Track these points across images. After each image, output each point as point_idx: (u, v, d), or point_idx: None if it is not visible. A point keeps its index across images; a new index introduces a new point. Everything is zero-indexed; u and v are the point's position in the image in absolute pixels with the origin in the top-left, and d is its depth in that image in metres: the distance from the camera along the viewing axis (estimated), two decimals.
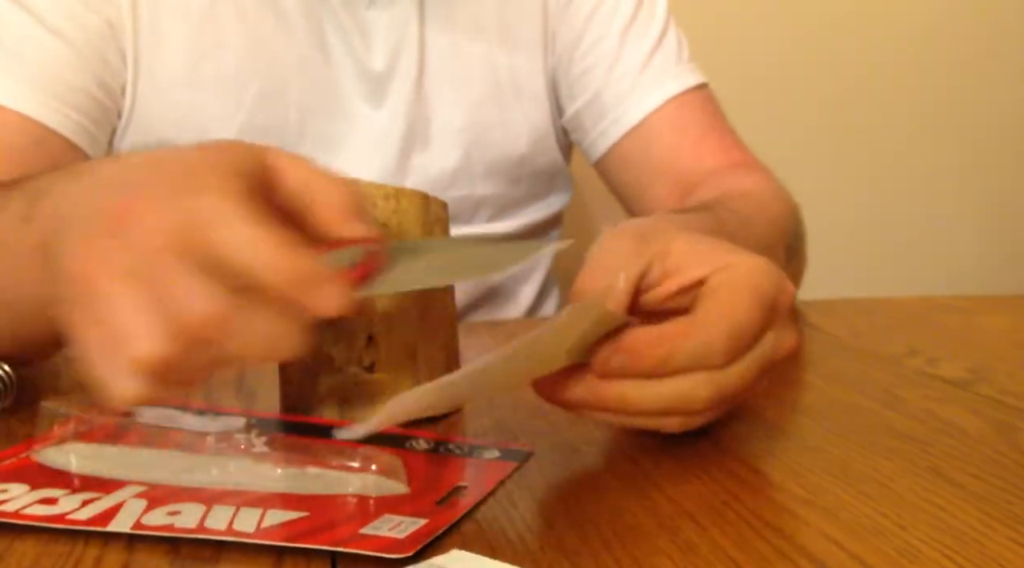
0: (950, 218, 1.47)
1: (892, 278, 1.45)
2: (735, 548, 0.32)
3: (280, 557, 0.32)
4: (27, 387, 0.51)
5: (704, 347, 0.37)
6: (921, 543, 0.32)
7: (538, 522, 0.35)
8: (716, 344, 0.37)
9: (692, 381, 0.37)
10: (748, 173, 0.76)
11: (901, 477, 0.38)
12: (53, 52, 0.68)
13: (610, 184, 0.85)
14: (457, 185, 0.80)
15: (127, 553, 0.33)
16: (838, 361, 0.58)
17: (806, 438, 0.43)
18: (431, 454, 0.41)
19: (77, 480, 0.38)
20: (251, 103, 0.73)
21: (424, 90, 0.78)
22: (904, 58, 1.42)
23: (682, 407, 0.38)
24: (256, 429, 0.43)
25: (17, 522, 0.34)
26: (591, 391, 0.38)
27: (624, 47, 0.80)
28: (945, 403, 0.48)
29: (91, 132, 0.70)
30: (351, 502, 0.36)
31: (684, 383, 0.37)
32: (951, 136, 1.45)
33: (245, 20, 0.73)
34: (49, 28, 0.68)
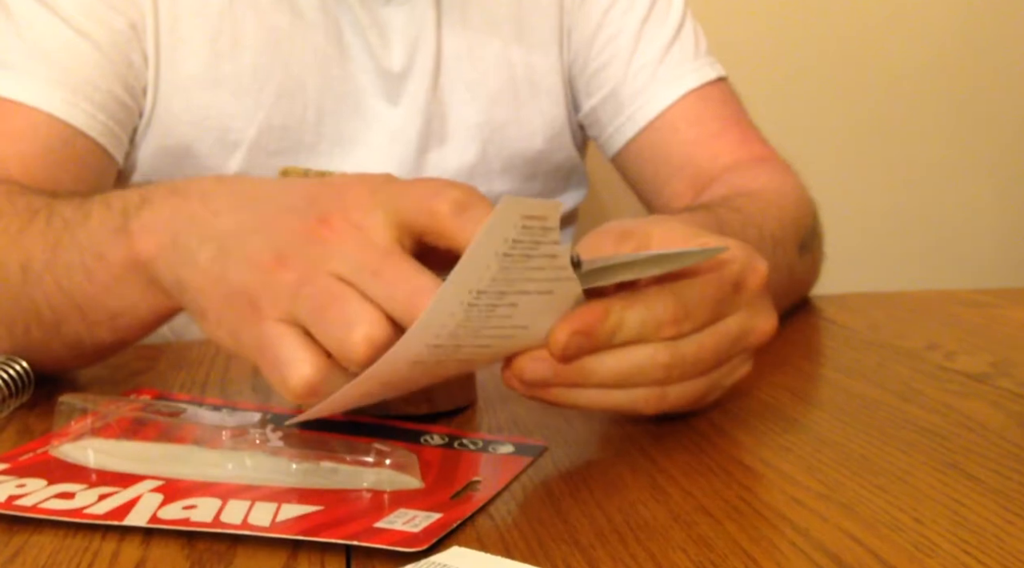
0: (970, 211, 1.46)
1: (911, 272, 1.44)
2: (750, 543, 0.32)
3: (295, 551, 0.32)
4: (45, 383, 0.51)
5: (649, 314, 0.37)
6: (939, 538, 0.32)
7: (552, 517, 0.35)
8: (662, 313, 0.37)
9: (647, 349, 0.38)
10: (764, 168, 0.75)
11: (919, 471, 0.38)
12: (80, 54, 0.68)
13: (628, 179, 0.85)
14: (474, 182, 0.80)
15: (144, 547, 0.33)
16: (856, 355, 0.57)
17: (823, 432, 0.43)
18: (445, 449, 0.41)
19: (94, 475, 0.38)
20: (269, 102, 0.73)
21: (441, 87, 0.78)
22: (925, 50, 1.40)
23: (642, 376, 0.38)
24: (271, 424, 0.43)
25: (35, 516, 0.34)
26: (553, 370, 0.38)
27: (641, 41, 0.80)
28: (964, 397, 0.48)
29: (116, 133, 0.70)
30: (365, 496, 0.36)
31: (639, 351, 0.38)
32: (971, 128, 1.44)
33: (263, 19, 0.73)
34: (76, 30, 0.68)
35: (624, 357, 0.38)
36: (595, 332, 0.37)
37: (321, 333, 0.34)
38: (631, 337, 0.38)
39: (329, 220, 0.36)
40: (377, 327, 0.33)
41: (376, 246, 0.35)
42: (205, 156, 0.74)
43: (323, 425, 0.44)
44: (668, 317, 0.38)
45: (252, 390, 0.52)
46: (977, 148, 1.45)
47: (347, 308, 0.34)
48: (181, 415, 0.45)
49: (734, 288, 0.40)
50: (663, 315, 0.38)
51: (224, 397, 0.50)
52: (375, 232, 0.36)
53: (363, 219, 0.36)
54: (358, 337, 0.33)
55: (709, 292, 0.39)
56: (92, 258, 0.45)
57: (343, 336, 0.34)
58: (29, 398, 0.50)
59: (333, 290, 0.34)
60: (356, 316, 0.34)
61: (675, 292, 0.38)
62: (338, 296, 0.34)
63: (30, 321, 0.49)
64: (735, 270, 0.40)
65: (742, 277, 0.40)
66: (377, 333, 0.33)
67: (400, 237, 0.36)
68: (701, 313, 0.39)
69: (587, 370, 0.38)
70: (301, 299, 0.35)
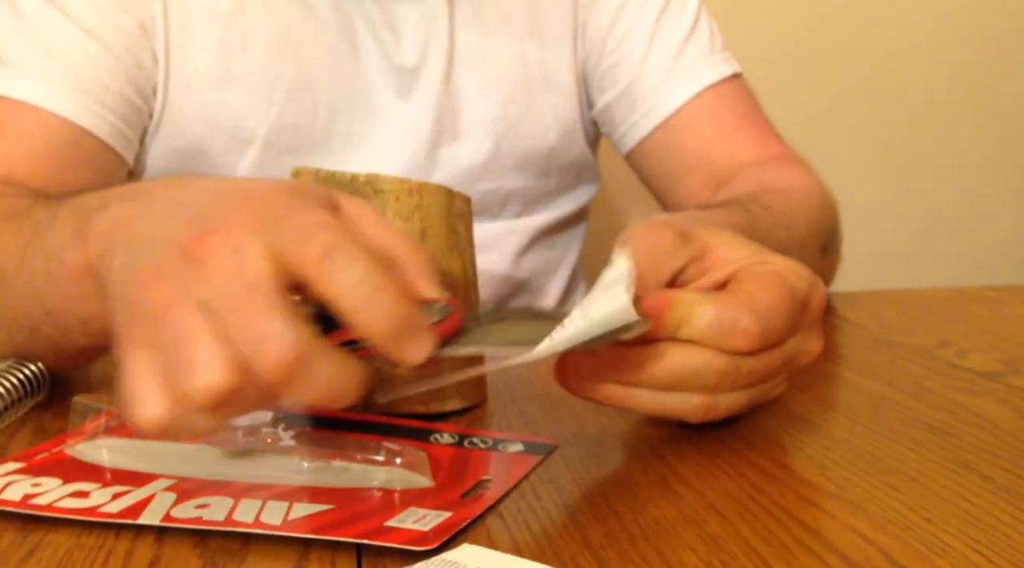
0: (981, 209, 1.45)
1: (922, 269, 1.43)
2: (761, 542, 0.32)
3: (306, 549, 0.32)
4: (59, 383, 0.51)
5: (724, 317, 0.36)
6: (949, 536, 0.32)
7: (562, 515, 0.35)
8: (740, 319, 0.36)
9: (705, 354, 0.37)
10: (787, 167, 0.75)
11: (929, 470, 0.38)
12: (90, 54, 0.68)
13: (642, 176, 0.85)
14: (486, 178, 0.80)
15: (157, 545, 0.33)
16: (867, 353, 0.57)
17: (833, 431, 0.43)
18: (455, 448, 0.41)
19: (109, 474, 0.38)
20: (281, 100, 0.74)
21: (453, 83, 0.78)
22: (938, 44, 1.40)
23: (696, 380, 0.37)
24: (283, 423, 0.44)
25: (50, 515, 0.35)
26: (608, 363, 0.37)
27: (656, 38, 0.80)
28: (975, 395, 0.47)
29: (125, 133, 0.70)
30: (376, 495, 0.36)
31: (698, 354, 0.37)
32: (982, 125, 1.43)
33: (273, 17, 0.73)
34: (85, 30, 0.68)
35: (682, 358, 0.37)
36: (661, 318, 0.36)
37: (170, 372, 0.32)
38: (696, 334, 0.36)
39: (209, 239, 0.33)
40: (217, 375, 0.31)
41: (244, 278, 0.32)
42: (216, 155, 0.74)
43: (334, 424, 0.44)
44: (743, 326, 0.36)
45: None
46: (989, 145, 1.44)
47: (196, 349, 0.31)
48: None
49: (802, 308, 0.39)
50: (739, 323, 0.36)
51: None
52: (248, 261, 0.32)
53: (242, 243, 0.33)
54: (199, 384, 0.31)
55: (787, 309, 0.38)
56: (55, 263, 0.44)
57: (186, 380, 0.31)
58: (44, 398, 0.50)
59: (188, 325, 0.31)
60: (202, 361, 0.31)
61: (755, 305, 0.37)
62: (192, 334, 0.31)
63: (11, 326, 0.49)
64: (804, 290, 0.39)
65: (808, 298, 0.39)
66: (217, 382, 0.31)
67: (275, 271, 0.32)
68: (778, 332, 0.38)
69: (643, 367, 0.37)
70: (160, 328, 0.32)
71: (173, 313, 0.32)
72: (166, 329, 0.32)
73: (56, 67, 0.67)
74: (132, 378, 0.32)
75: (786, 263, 0.40)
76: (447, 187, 0.47)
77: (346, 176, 0.45)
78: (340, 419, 0.45)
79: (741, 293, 0.38)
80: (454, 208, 0.47)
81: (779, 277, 0.38)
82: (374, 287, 0.32)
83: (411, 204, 0.45)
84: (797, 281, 0.39)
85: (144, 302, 0.33)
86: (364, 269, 0.32)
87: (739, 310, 0.37)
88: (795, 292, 0.38)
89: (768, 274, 0.39)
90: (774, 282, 0.38)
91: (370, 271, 0.32)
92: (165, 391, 0.32)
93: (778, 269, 0.39)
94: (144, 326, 0.33)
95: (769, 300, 0.37)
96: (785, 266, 0.39)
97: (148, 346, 0.32)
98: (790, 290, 0.38)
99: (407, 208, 0.45)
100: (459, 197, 0.47)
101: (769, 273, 0.39)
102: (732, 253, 0.40)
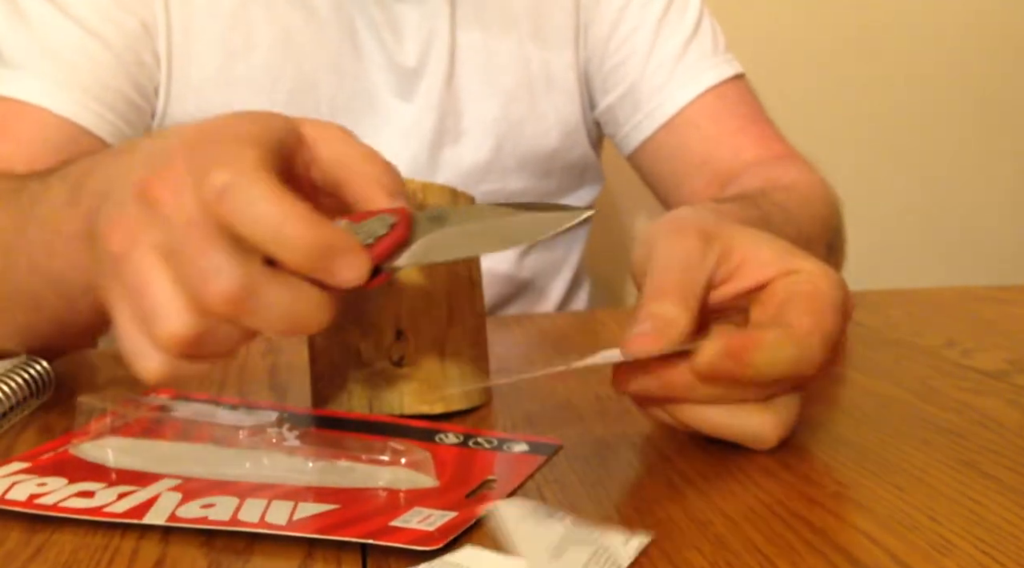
0: (988, 208, 1.45)
1: (928, 268, 1.43)
2: (766, 543, 0.32)
3: (311, 549, 0.32)
4: (64, 383, 0.52)
5: (801, 358, 0.36)
6: (955, 537, 0.32)
7: None
8: (813, 355, 0.36)
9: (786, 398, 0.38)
10: (791, 165, 0.75)
11: (936, 470, 0.37)
12: (91, 54, 0.68)
13: (644, 177, 0.85)
14: (489, 179, 0.80)
15: (162, 545, 0.33)
16: (873, 353, 0.57)
17: (839, 431, 0.43)
18: (460, 448, 0.41)
19: (114, 474, 0.38)
20: (283, 101, 0.74)
21: (455, 84, 0.78)
22: (942, 47, 1.39)
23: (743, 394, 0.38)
24: (288, 423, 0.44)
25: (56, 515, 0.35)
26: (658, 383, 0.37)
27: (658, 39, 0.80)
28: (982, 395, 0.47)
29: (125, 133, 0.70)
30: (381, 495, 0.36)
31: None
32: (988, 124, 1.43)
33: (275, 18, 0.73)
34: (87, 30, 0.69)
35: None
36: (743, 359, 0.36)
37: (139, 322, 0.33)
38: (778, 375, 0.37)
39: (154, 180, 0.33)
40: (177, 322, 0.31)
41: (182, 217, 0.32)
42: None
43: (339, 424, 0.44)
44: (817, 361, 0.37)
45: (269, 389, 0.52)
46: (995, 144, 1.43)
47: (154, 297, 0.32)
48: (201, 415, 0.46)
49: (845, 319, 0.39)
50: (813, 359, 0.36)
51: (241, 396, 0.51)
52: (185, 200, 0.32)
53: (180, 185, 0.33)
54: (165, 332, 0.32)
55: (840, 328, 0.38)
56: (51, 233, 0.44)
57: (153, 330, 0.32)
58: (49, 397, 0.50)
59: (145, 271, 0.32)
60: (162, 309, 0.32)
61: (825, 335, 0.37)
62: (150, 280, 0.32)
63: (14, 305, 0.48)
64: (843, 299, 0.39)
65: (847, 307, 0.39)
66: (181, 328, 0.31)
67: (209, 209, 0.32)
68: (834, 347, 0.38)
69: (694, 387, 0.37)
70: (124, 276, 0.33)
71: (131, 259, 0.32)
72: (128, 276, 0.32)
73: (56, 66, 0.67)
74: (123, 333, 0.33)
75: (818, 270, 0.39)
76: (451, 187, 0.47)
77: None
78: (345, 419, 0.45)
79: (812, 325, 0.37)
80: None
81: (826, 295, 0.38)
82: (277, 219, 0.31)
83: (415, 204, 0.45)
84: (838, 293, 0.39)
85: (109, 249, 0.33)
86: (264, 203, 0.32)
87: (812, 348, 0.37)
88: (843, 306, 0.38)
89: (817, 292, 0.38)
90: (827, 303, 0.38)
91: (270, 203, 0.32)
92: (148, 344, 0.32)
93: (820, 286, 0.38)
94: (114, 275, 0.33)
95: (832, 324, 0.37)
96: (823, 278, 0.39)
97: (122, 296, 0.33)
98: (839, 307, 0.38)
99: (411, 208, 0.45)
100: (463, 197, 0.47)
101: (817, 291, 0.38)
102: (758, 254, 0.40)
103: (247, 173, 0.32)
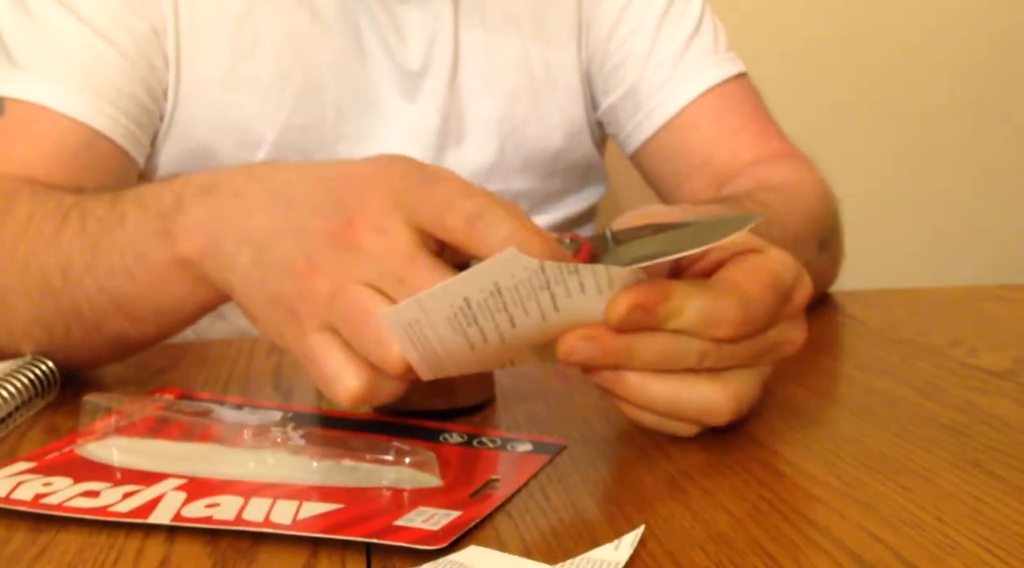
0: (993, 207, 1.44)
1: (934, 268, 1.42)
2: (770, 541, 0.32)
3: (316, 548, 0.32)
4: (70, 383, 0.52)
5: (712, 309, 0.37)
6: (960, 536, 0.31)
7: (571, 515, 0.35)
8: (724, 311, 0.37)
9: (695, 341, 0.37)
10: (786, 164, 0.75)
11: (941, 469, 0.37)
12: (103, 58, 0.69)
13: (646, 176, 0.85)
14: (493, 180, 0.80)
15: (167, 544, 0.33)
16: (878, 352, 0.57)
17: (844, 429, 0.43)
18: (464, 447, 0.41)
19: (119, 473, 0.39)
20: (290, 103, 0.74)
21: (459, 84, 0.78)
22: (947, 40, 1.39)
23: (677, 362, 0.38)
24: (292, 423, 0.44)
25: (61, 514, 0.35)
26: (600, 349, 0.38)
27: (659, 38, 0.80)
28: (987, 394, 0.47)
29: (137, 136, 0.71)
30: (385, 494, 0.36)
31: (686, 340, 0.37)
32: (993, 123, 1.42)
33: (281, 20, 0.74)
34: (99, 34, 0.69)
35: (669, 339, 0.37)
36: (655, 310, 0.36)
37: (360, 348, 0.36)
38: (685, 326, 0.37)
39: (354, 224, 0.37)
40: None
41: (399, 251, 0.36)
42: (226, 157, 0.74)
43: (344, 424, 0.44)
44: (729, 317, 0.37)
45: (274, 389, 0.52)
46: (1000, 142, 1.43)
47: (380, 324, 0.35)
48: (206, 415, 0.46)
49: (785, 299, 0.39)
50: (724, 314, 0.37)
51: (246, 396, 0.51)
52: (398, 236, 0.36)
53: (385, 222, 0.37)
54: (392, 356, 0.35)
55: (770, 300, 0.38)
56: (134, 260, 0.46)
57: (381, 353, 0.36)
58: (55, 397, 0.50)
59: (364, 304, 0.36)
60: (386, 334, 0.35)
61: (740, 295, 0.38)
62: (370, 311, 0.35)
63: (71, 322, 0.50)
64: (788, 280, 0.39)
65: (792, 290, 0.40)
66: None
67: (421, 239, 0.37)
68: (760, 321, 0.38)
69: (631, 349, 0.37)
70: (336, 311, 0.36)
71: (344, 297, 0.36)
72: (341, 311, 0.36)
73: (70, 70, 0.68)
74: (323, 360, 0.37)
75: (774, 252, 0.40)
76: None
77: None
78: (349, 419, 0.45)
79: (728, 283, 0.38)
80: None
81: (765, 267, 0.39)
82: (523, 237, 0.35)
83: None
84: (784, 271, 0.39)
85: (309, 291, 0.37)
86: (510, 224, 0.35)
87: (725, 301, 0.37)
88: (780, 283, 0.39)
89: (755, 264, 0.39)
90: (760, 272, 0.39)
91: (516, 225, 0.35)
92: (359, 364, 0.36)
93: (765, 260, 0.40)
94: (313, 313, 0.37)
95: (754, 290, 0.38)
96: (772, 255, 0.40)
97: (324, 329, 0.37)
98: (775, 280, 0.39)
99: None
100: None
101: (756, 263, 0.39)
102: None
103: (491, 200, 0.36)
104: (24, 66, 0.68)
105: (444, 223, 0.36)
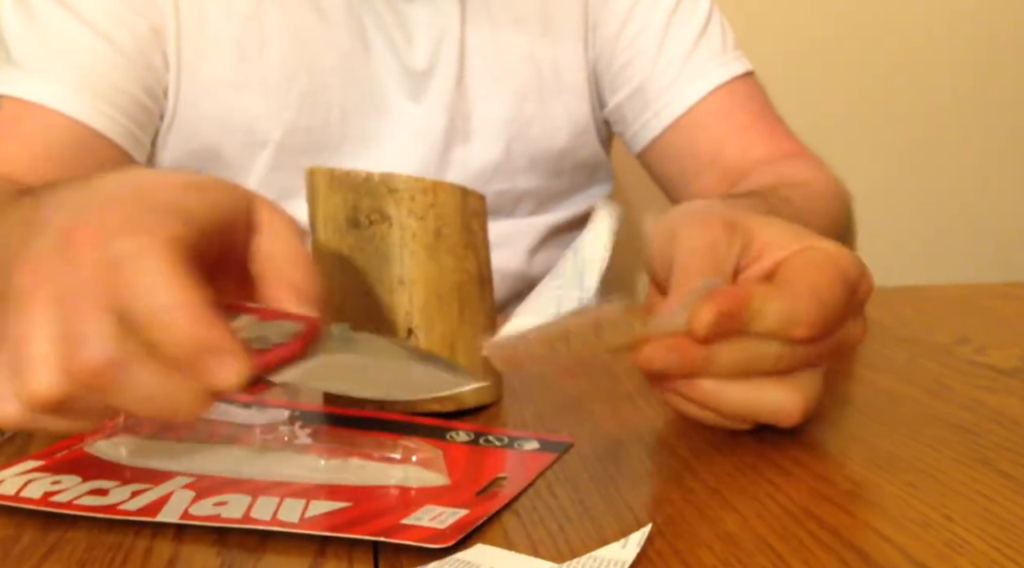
0: (1000, 205, 1.44)
1: (940, 266, 1.42)
2: (778, 540, 0.32)
3: (323, 547, 0.33)
4: None
5: (790, 312, 0.36)
6: (969, 535, 0.31)
7: (578, 513, 0.35)
8: (802, 311, 0.36)
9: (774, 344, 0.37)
10: (801, 162, 0.75)
11: (949, 468, 0.37)
12: (101, 56, 0.69)
13: (653, 175, 0.85)
14: (498, 179, 0.80)
15: (175, 543, 0.33)
16: (885, 350, 0.57)
17: (851, 428, 0.43)
18: (471, 445, 0.41)
19: (127, 472, 0.39)
20: (295, 103, 0.74)
21: (465, 84, 0.78)
22: (951, 40, 1.39)
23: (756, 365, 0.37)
24: (300, 421, 0.44)
25: (70, 513, 0.35)
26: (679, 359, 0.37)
27: (667, 37, 0.80)
28: (995, 392, 0.47)
29: (135, 135, 0.71)
30: (393, 493, 0.36)
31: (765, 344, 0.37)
32: (1001, 121, 1.42)
33: (289, 21, 0.74)
34: (98, 33, 0.69)
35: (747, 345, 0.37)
36: (739, 315, 0.36)
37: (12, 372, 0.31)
38: (766, 329, 0.36)
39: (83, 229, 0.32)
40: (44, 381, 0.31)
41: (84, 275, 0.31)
42: (231, 157, 0.74)
43: (351, 422, 0.45)
44: (806, 318, 0.36)
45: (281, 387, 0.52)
46: (1004, 140, 1.43)
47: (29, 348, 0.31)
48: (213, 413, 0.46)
49: (853, 294, 0.39)
50: (802, 315, 0.36)
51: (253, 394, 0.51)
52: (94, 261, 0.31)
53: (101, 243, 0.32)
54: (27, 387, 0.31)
55: (840, 295, 0.38)
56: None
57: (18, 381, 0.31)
58: None
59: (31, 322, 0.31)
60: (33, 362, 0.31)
61: (815, 294, 0.37)
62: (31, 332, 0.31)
63: None
64: (855, 275, 0.39)
65: (858, 283, 0.39)
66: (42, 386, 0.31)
67: None
68: (833, 320, 0.38)
69: (711, 357, 0.37)
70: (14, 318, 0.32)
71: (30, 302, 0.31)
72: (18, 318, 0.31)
73: (68, 69, 0.68)
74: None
75: (836, 248, 0.40)
76: (462, 185, 0.47)
77: (360, 175, 0.45)
78: (357, 417, 0.45)
79: (804, 283, 0.37)
80: (469, 207, 0.47)
81: (832, 263, 0.38)
82: (163, 304, 0.30)
83: (426, 203, 0.45)
84: (849, 266, 0.39)
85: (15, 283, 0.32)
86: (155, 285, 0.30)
87: (803, 301, 0.37)
88: (848, 278, 0.38)
89: (822, 260, 0.39)
90: (829, 268, 0.38)
91: (160, 286, 0.30)
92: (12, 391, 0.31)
93: (830, 254, 0.39)
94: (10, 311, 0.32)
95: (827, 287, 0.37)
96: (838, 255, 0.39)
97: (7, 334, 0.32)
98: (843, 276, 0.38)
99: (422, 207, 0.45)
100: (473, 196, 0.47)
101: (823, 259, 0.39)
102: (778, 238, 0.40)
103: (153, 249, 0.31)
104: (23, 65, 0.68)
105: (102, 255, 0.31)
